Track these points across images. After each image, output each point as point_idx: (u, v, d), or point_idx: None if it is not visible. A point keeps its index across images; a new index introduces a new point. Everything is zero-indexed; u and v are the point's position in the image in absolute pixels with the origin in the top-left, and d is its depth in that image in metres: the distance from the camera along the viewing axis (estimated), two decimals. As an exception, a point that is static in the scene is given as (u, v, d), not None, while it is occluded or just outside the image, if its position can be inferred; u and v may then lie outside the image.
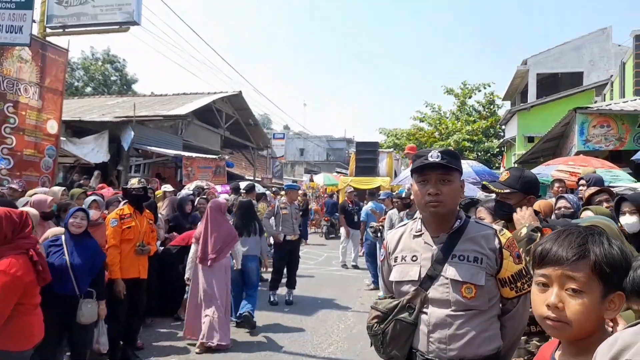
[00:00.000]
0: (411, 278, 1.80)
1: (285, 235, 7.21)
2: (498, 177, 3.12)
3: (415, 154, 1.91)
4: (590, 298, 1.07)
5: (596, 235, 1.13)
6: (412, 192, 1.92)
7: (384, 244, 2.02)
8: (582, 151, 9.86)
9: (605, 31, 18.48)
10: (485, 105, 24.21)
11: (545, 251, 1.12)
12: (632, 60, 11.76)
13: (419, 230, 1.87)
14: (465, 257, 1.75)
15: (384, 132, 26.27)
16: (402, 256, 1.87)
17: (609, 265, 1.08)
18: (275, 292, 7.10)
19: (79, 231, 3.85)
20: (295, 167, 39.67)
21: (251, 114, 18.32)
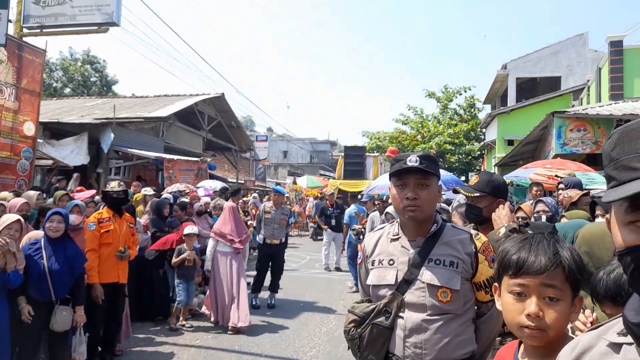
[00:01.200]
0: (388, 282, 1.81)
1: (265, 238, 7.22)
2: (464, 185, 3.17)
3: (394, 158, 1.92)
4: (565, 304, 1.11)
5: (561, 242, 1.16)
6: (391, 196, 1.92)
7: (361, 247, 2.02)
8: (559, 154, 10.06)
9: (582, 37, 18.93)
10: (466, 109, 24.56)
11: (522, 261, 1.13)
12: (608, 65, 12.08)
13: (396, 234, 1.88)
14: (441, 262, 1.77)
15: (367, 135, 26.46)
16: (379, 260, 1.87)
17: (578, 271, 1.12)
18: (257, 295, 7.07)
19: (57, 235, 3.78)
20: (278, 170, 39.57)
21: (234, 116, 18.22)
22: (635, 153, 0.70)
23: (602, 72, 12.73)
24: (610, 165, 0.76)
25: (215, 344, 5.31)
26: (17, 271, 3.55)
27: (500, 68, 19.82)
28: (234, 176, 20.45)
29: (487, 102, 23.95)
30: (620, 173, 0.72)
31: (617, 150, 0.74)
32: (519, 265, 1.13)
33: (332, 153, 46.96)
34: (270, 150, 36.62)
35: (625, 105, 10.66)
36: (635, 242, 0.71)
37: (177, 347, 5.14)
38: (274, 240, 7.22)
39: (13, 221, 3.55)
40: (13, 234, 3.52)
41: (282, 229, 7.34)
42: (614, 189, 0.72)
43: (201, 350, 5.11)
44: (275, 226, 7.24)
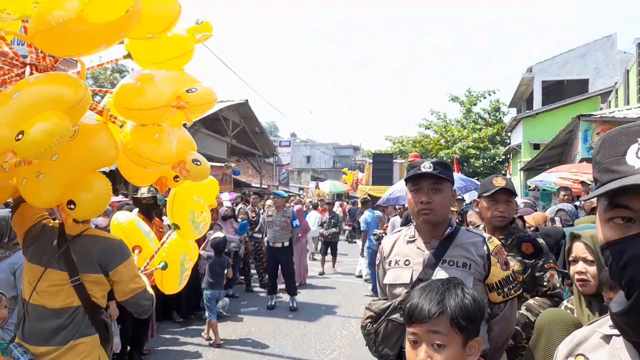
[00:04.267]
0: (403, 281, 1.90)
1: (269, 241, 7.43)
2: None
3: (410, 164, 2.02)
4: (452, 349, 1.19)
5: (452, 289, 1.25)
6: (407, 200, 2.02)
7: (379, 248, 2.13)
8: (586, 158, 9.87)
9: (610, 38, 18.49)
10: (491, 113, 24.24)
11: (412, 309, 1.23)
12: (636, 67, 11.79)
13: (412, 236, 1.98)
14: (454, 263, 1.86)
15: (390, 140, 26.38)
16: (395, 260, 1.98)
17: (464, 318, 1.20)
18: (272, 296, 7.28)
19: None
20: (301, 175, 39.85)
21: (257, 122, 18.50)
22: (614, 157, 0.77)
23: (630, 74, 12.43)
24: (595, 168, 0.83)
25: (239, 345, 5.45)
26: None
27: (526, 71, 19.53)
28: (257, 181, 20.73)
29: (512, 106, 23.59)
30: (602, 175, 0.79)
31: (600, 154, 0.81)
32: (409, 314, 1.24)
33: (355, 158, 46.97)
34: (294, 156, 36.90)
35: (655, 107, 10.40)
36: (613, 237, 0.77)
37: (202, 348, 5.30)
38: (276, 243, 7.33)
39: None
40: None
41: (285, 232, 7.40)
42: (613, 182, 0.78)
43: (225, 350, 5.25)
44: (276, 229, 7.35)
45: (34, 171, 1.89)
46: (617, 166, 0.76)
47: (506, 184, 2.55)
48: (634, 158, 0.74)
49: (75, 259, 2.18)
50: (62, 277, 2.16)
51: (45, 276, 2.16)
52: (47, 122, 1.63)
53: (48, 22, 1.59)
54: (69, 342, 2.14)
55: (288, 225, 7.49)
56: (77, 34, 1.68)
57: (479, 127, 23.54)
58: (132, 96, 2.06)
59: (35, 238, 2.24)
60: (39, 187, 1.93)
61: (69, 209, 1.95)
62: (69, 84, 1.84)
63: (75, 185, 1.98)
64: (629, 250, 0.74)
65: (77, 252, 2.20)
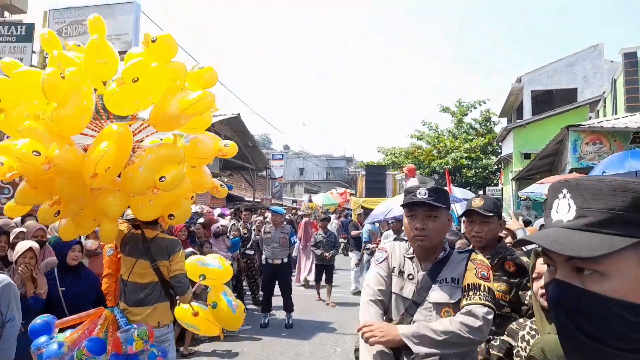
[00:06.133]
0: (406, 295, 1.95)
1: (267, 258, 7.35)
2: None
3: (406, 189, 2.07)
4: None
5: None
6: (403, 225, 2.09)
7: (384, 248, 2.14)
8: (576, 168, 9.95)
9: (597, 48, 18.76)
10: (482, 123, 24.44)
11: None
12: (623, 77, 11.96)
13: (411, 253, 2.04)
14: (444, 280, 1.91)
15: (383, 151, 26.45)
16: (400, 270, 2.01)
17: None
18: (266, 314, 7.19)
19: (75, 263, 3.95)
20: (295, 187, 39.80)
21: (250, 135, 18.51)
22: (548, 209, 0.84)
23: (617, 84, 12.61)
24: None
25: (231, 365, 5.37)
26: (36, 296, 3.70)
27: (515, 81, 19.74)
28: (250, 195, 20.68)
29: (502, 115, 23.80)
30: (544, 224, 0.86)
31: (547, 201, 0.87)
32: None
33: (348, 169, 47.06)
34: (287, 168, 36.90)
35: (642, 117, 10.53)
36: (546, 280, 0.83)
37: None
38: (275, 260, 7.29)
39: (26, 249, 3.72)
40: (28, 261, 3.68)
41: (283, 248, 7.38)
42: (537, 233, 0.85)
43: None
44: (275, 245, 7.32)
45: (147, 200, 2.87)
46: (547, 218, 0.84)
47: (483, 204, 2.55)
48: (554, 212, 0.81)
49: (153, 252, 3.45)
50: (146, 264, 3.43)
51: (137, 264, 3.44)
52: (175, 170, 2.68)
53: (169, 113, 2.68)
54: (154, 304, 3.42)
55: (286, 241, 7.48)
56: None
57: (470, 138, 23.70)
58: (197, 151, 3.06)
59: (128, 241, 3.50)
60: (149, 209, 2.94)
61: (169, 219, 3.16)
62: (177, 149, 2.89)
63: (173, 205, 3.12)
64: (550, 294, 0.80)
65: (154, 248, 3.47)
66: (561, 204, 0.81)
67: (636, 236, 0.71)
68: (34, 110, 2.62)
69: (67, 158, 2.53)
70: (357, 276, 9.76)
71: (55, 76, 2.40)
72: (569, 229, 0.77)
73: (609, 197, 0.75)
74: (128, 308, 3.40)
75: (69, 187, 2.71)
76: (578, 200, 0.78)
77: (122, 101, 2.62)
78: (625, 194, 0.73)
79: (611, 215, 0.74)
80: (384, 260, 2.06)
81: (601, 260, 0.72)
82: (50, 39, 2.81)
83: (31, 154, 2.38)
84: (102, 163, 2.43)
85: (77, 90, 2.51)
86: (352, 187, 33.05)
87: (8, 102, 2.62)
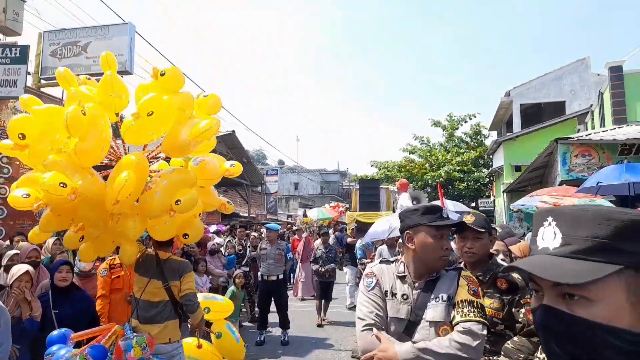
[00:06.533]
0: (401, 316, 1.95)
1: (263, 275, 7.36)
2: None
3: (429, 208, 2.05)
4: None
5: None
6: (423, 243, 2.01)
7: (373, 272, 2.09)
8: (565, 180, 10.09)
9: (584, 61, 19.11)
10: (473, 136, 24.70)
11: None
12: (609, 90, 12.21)
13: (402, 272, 2.03)
14: (440, 298, 1.93)
15: (376, 165, 26.59)
16: (392, 292, 2.00)
17: None
18: (262, 331, 7.18)
19: (65, 284, 3.95)
20: (289, 202, 39.79)
21: (244, 152, 18.59)
22: (534, 235, 0.88)
23: (604, 97, 12.85)
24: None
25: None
26: (32, 319, 3.71)
27: (504, 95, 20.01)
28: (245, 211, 20.67)
29: (492, 129, 24.07)
30: (531, 250, 0.90)
31: (532, 228, 0.92)
32: None
33: (342, 183, 47.16)
34: (281, 183, 36.95)
35: (629, 129, 10.72)
36: (531, 306, 0.88)
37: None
38: (271, 277, 7.27)
39: (22, 273, 3.74)
40: (24, 285, 3.70)
41: (279, 264, 7.37)
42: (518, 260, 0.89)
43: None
44: (270, 262, 7.31)
45: (163, 221, 3.09)
46: (533, 245, 0.88)
47: (475, 220, 2.59)
48: (540, 240, 0.85)
49: (165, 273, 3.62)
50: (159, 284, 3.60)
51: (150, 283, 3.59)
52: (190, 194, 2.94)
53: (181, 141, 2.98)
54: (164, 322, 3.56)
55: (282, 257, 7.45)
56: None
57: (462, 151, 23.91)
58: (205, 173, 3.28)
59: (142, 262, 3.67)
60: (165, 229, 3.19)
61: (184, 238, 3.47)
62: (189, 173, 3.10)
63: (187, 224, 3.41)
64: (537, 320, 0.83)
65: (167, 269, 3.64)
66: (546, 232, 0.84)
67: (620, 263, 0.75)
68: (56, 144, 2.84)
69: (90, 188, 2.77)
70: (352, 291, 9.70)
71: (77, 113, 2.62)
72: (555, 256, 0.80)
73: (593, 225, 0.78)
74: (140, 325, 3.54)
75: (90, 214, 2.92)
76: (563, 228, 0.81)
77: (139, 133, 2.91)
78: (609, 223, 0.77)
79: (596, 243, 0.77)
80: (375, 285, 2.02)
81: (588, 286, 0.74)
82: (65, 76, 3.05)
83: (58, 186, 2.58)
84: (124, 191, 2.66)
85: (96, 125, 2.77)
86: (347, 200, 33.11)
87: (32, 138, 2.83)
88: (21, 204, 2.80)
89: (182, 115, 3.03)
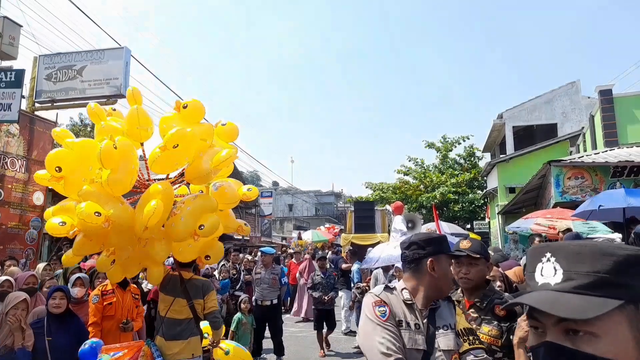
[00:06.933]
0: (419, 346, 1.85)
1: (257, 300, 7.20)
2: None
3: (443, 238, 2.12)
4: None
5: None
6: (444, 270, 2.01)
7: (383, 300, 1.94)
8: (559, 202, 10.12)
9: (574, 85, 19.45)
10: (467, 158, 24.88)
11: None
12: (600, 113, 12.39)
13: (410, 300, 1.94)
14: (448, 326, 1.93)
15: (371, 187, 26.63)
16: (406, 322, 1.89)
17: None
18: (256, 357, 7.04)
19: (59, 311, 3.87)
20: (284, 224, 39.63)
21: (239, 174, 18.60)
22: (530, 272, 0.88)
23: (595, 120, 13.02)
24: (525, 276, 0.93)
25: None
26: (24, 348, 3.62)
27: (497, 117, 20.25)
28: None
29: (486, 151, 24.28)
30: (526, 286, 0.91)
31: (526, 265, 0.92)
32: None
33: (337, 204, 47.14)
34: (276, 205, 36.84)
35: (620, 151, 10.85)
36: (531, 343, 0.86)
37: None
38: (265, 302, 7.17)
39: (20, 301, 3.66)
40: (20, 313, 3.62)
41: (274, 289, 7.28)
42: (520, 296, 0.88)
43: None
44: (264, 286, 7.21)
45: (186, 244, 3.34)
46: (530, 281, 0.87)
47: (470, 246, 2.58)
48: (539, 275, 0.85)
49: (190, 292, 3.87)
50: (183, 302, 3.84)
51: (175, 302, 3.84)
52: (212, 219, 3.19)
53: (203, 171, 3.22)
54: (188, 338, 3.81)
55: (277, 282, 7.35)
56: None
57: (456, 173, 24.04)
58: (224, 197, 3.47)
59: (167, 282, 3.93)
60: (189, 252, 3.45)
61: (206, 259, 3.75)
62: (211, 199, 3.35)
63: (208, 246, 3.67)
64: (540, 357, 0.82)
65: (190, 288, 3.90)
66: (546, 267, 0.84)
67: (621, 298, 0.75)
68: (89, 175, 3.15)
69: (121, 215, 3.02)
70: (348, 315, 9.54)
71: (110, 148, 2.89)
72: (558, 291, 0.80)
73: (593, 260, 0.78)
74: (165, 342, 3.76)
75: (120, 238, 3.18)
76: (563, 263, 0.82)
77: (165, 164, 3.17)
78: (608, 258, 0.78)
79: (597, 278, 0.77)
80: (389, 314, 1.86)
81: (593, 321, 0.74)
82: (96, 110, 3.34)
83: (93, 215, 2.84)
84: (153, 219, 2.91)
85: (126, 158, 3.05)
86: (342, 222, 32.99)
87: (68, 170, 3.11)
88: (58, 231, 3.09)
89: (203, 145, 3.28)
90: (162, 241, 3.25)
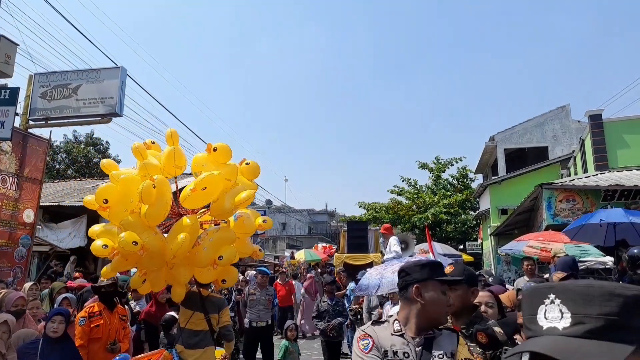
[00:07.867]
0: None
1: (251, 321, 7.06)
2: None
3: (434, 263, 2.10)
4: None
5: None
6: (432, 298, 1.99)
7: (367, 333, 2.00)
8: (551, 225, 10.17)
9: (565, 109, 19.76)
10: (459, 179, 25.03)
11: None
12: (590, 137, 12.57)
13: (399, 330, 1.95)
14: (444, 355, 1.90)
15: (364, 206, 26.65)
16: (393, 351, 1.90)
17: None
18: None
19: (56, 335, 3.80)
20: (277, 243, 39.37)
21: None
22: (530, 315, 0.85)
23: (585, 144, 13.20)
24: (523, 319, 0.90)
25: None
26: None
27: (488, 140, 20.47)
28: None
29: (478, 172, 24.45)
30: (525, 330, 0.86)
31: (523, 309, 0.89)
32: None
33: (330, 223, 47.01)
34: (269, 223, 36.55)
35: (611, 175, 10.98)
36: None
37: None
38: (260, 323, 7.03)
39: (1, 323, 3.60)
40: (1, 335, 3.55)
41: (268, 310, 7.17)
42: (525, 342, 0.85)
43: None
44: (260, 307, 7.07)
45: (207, 269, 3.86)
46: (531, 324, 0.83)
47: (452, 271, 2.56)
48: (542, 319, 0.81)
49: (207, 307, 4.36)
50: (201, 316, 4.32)
51: (194, 315, 4.32)
52: (231, 250, 3.76)
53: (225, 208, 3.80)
54: (204, 347, 4.29)
55: (271, 302, 7.27)
56: None
57: (449, 194, 24.15)
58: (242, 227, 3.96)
59: (188, 298, 4.39)
60: (209, 275, 4.04)
61: (222, 283, 4.35)
62: (231, 232, 3.86)
63: (225, 272, 4.19)
64: None
65: (208, 304, 4.40)
66: (550, 310, 0.80)
67: (632, 342, 0.73)
68: (130, 206, 3.68)
69: (154, 244, 3.59)
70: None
71: (149, 187, 3.43)
72: (568, 336, 0.76)
73: (602, 302, 0.75)
74: (184, 350, 4.27)
75: (151, 262, 3.76)
76: (570, 306, 0.78)
77: (194, 202, 3.72)
78: (616, 299, 0.75)
79: (608, 321, 0.74)
80: (372, 347, 1.92)
81: None
82: (139, 148, 3.89)
83: (131, 244, 3.41)
84: (181, 250, 3.48)
85: (163, 195, 3.61)
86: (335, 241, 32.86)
87: (113, 201, 3.69)
88: (101, 253, 3.83)
89: (228, 184, 3.80)
90: (187, 266, 3.82)
